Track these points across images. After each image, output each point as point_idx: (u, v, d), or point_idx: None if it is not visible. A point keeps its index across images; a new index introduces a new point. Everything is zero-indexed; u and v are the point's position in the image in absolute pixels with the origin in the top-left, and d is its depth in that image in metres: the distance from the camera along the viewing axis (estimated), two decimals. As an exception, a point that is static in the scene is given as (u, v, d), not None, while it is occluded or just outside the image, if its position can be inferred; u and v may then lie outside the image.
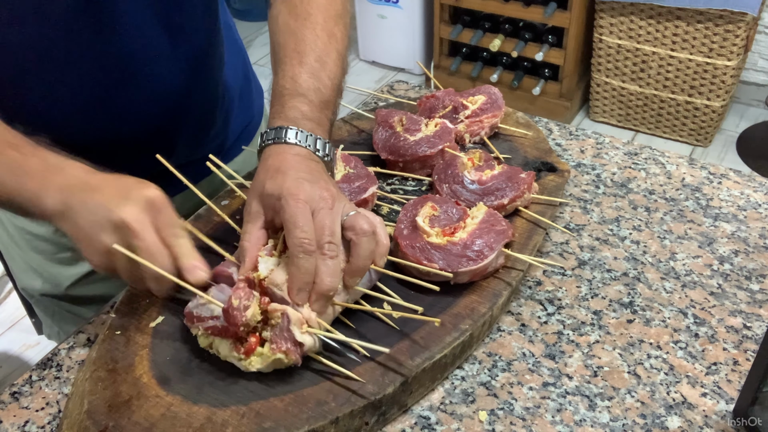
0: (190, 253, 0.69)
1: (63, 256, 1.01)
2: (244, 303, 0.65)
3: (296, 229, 0.67)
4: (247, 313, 0.65)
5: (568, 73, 2.78)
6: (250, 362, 0.66)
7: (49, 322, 1.11)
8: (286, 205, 0.68)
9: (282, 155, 0.74)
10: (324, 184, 0.71)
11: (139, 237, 0.65)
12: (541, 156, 0.98)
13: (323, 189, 0.71)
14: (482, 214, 0.81)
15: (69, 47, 0.79)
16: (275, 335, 0.66)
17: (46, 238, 0.99)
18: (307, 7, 0.85)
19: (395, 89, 1.24)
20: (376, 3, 3.13)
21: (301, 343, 0.65)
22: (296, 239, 0.67)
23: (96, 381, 0.67)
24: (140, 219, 0.66)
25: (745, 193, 0.97)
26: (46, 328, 1.13)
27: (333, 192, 0.71)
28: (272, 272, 0.69)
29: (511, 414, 0.70)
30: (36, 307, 1.11)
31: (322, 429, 0.64)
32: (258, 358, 0.66)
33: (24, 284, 1.08)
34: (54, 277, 1.03)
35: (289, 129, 0.75)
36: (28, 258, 1.03)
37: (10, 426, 0.70)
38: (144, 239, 0.65)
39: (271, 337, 0.66)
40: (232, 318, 0.65)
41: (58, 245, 1.00)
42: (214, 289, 0.70)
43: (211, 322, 0.67)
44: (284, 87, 0.79)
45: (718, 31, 2.44)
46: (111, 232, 0.65)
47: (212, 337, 0.68)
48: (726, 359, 0.75)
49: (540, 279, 0.85)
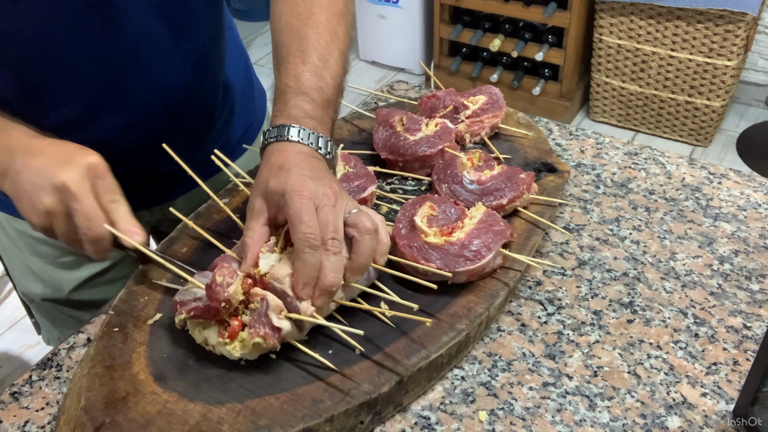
0: (126, 218, 0.72)
1: (65, 260, 1.01)
2: (227, 280, 0.66)
3: (301, 224, 0.68)
4: (229, 289, 0.66)
5: (568, 73, 2.78)
6: (234, 347, 0.67)
7: (49, 327, 1.10)
8: (291, 202, 0.69)
9: (285, 153, 0.74)
10: (327, 182, 0.72)
11: (78, 200, 0.68)
12: (542, 156, 0.98)
13: (326, 186, 0.71)
14: (480, 215, 0.81)
15: (73, 45, 0.79)
16: (253, 320, 0.66)
17: (48, 242, 0.99)
18: (309, 6, 0.85)
19: (395, 89, 1.24)
20: (376, 3, 3.13)
21: (279, 328, 0.66)
22: (302, 234, 0.67)
23: (93, 377, 0.67)
24: (80, 183, 0.69)
25: (745, 193, 0.97)
26: (46, 333, 1.13)
27: (336, 189, 0.72)
28: (273, 267, 0.69)
29: (511, 414, 0.69)
30: (37, 312, 1.11)
31: (317, 427, 0.64)
32: (240, 343, 0.67)
33: (25, 289, 1.07)
34: (55, 282, 1.03)
35: (291, 127, 0.75)
36: (29, 262, 1.03)
37: (10, 426, 0.70)
38: (82, 202, 0.69)
39: (249, 322, 0.67)
40: (214, 293, 0.66)
41: (59, 249, 1.00)
42: (198, 275, 0.71)
43: (193, 304, 0.68)
44: (287, 85, 0.80)
45: (718, 31, 2.44)
46: (51, 194, 0.69)
47: (204, 330, 0.69)
48: (726, 359, 0.75)
49: (540, 279, 0.84)
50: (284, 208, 0.70)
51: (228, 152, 1.06)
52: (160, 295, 0.77)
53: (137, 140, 0.90)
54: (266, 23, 0.89)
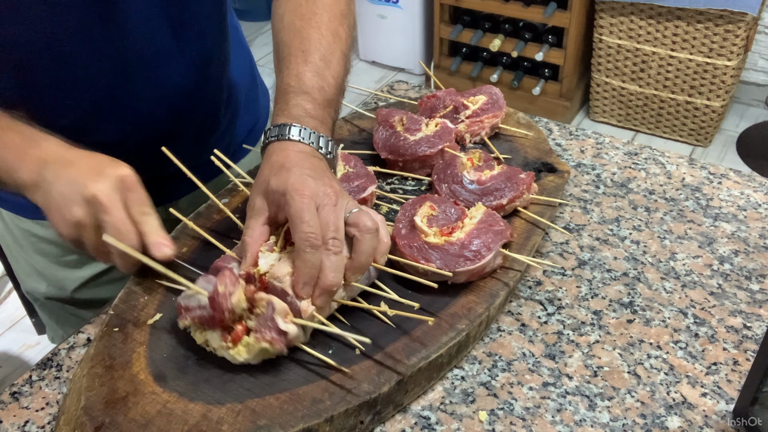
0: (156, 230, 0.71)
1: (69, 259, 1.01)
2: (229, 289, 0.66)
3: (303, 223, 0.68)
4: (232, 298, 0.65)
5: (568, 73, 2.78)
6: (237, 351, 0.66)
7: (53, 325, 1.10)
8: (292, 201, 0.69)
9: (285, 152, 0.74)
10: (328, 181, 0.72)
11: (108, 212, 0.68)
12: (542, 156, 0.98)
13: (327, 186, 0.71)
14: (480, 215, 0.81)
15: (78, 49, 0.79)
16: (259, 324, 0.66)
17: (52, 241, 0.99)
18: (312, 6, 0.85)
19: (395, 89, 1.24)
20: (376, 3, 3.13)
21: (285, 332, 0.66)
22: (303, 233, 0.67)
23: (93, 377, 0.67)
24: (110, 195, 0.68)
25: (745, 193, 0.97)
26: (50, 332, 1.13)
27: (336, 189, 0.72)
28: (273, 267, 0.69)
29: (511, 414, 0.69)
30: (40, 310, 1.11)
31: (317, 427, 0.64)
32: (244, 348, 0.66)
33: (28, 287, 1.08)
34: (59, 281, 1.03)
35: (292, 126, 0.76)
36: (33, 261, 1.03)
37: (10, 426, 0.70)
38: (112, 215, 0.68)
39: (255, 326, 0.66)
40: (217, 304, 0.65)
41: (63, 248, 1.00)
42: (201, 279, 0.71)
43: (198, 311, 0.68)
44: (288, 84, 0.80)
45: (718, 31, 2.44)
46: (82, 206, 0.68)
47: (206, 332, 0.68)
48: (726, 359, 0.75)
49: (540, 279, 0.84)
50: (285, 207, 0.70)
51: (232, 153, 1.07)
52: (160, 295, 0.77)
53: (142, 142, 0.90)
54: (267, 23, 0.90)
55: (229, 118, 1.04)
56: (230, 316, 0.66)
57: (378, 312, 0.73)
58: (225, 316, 0.66)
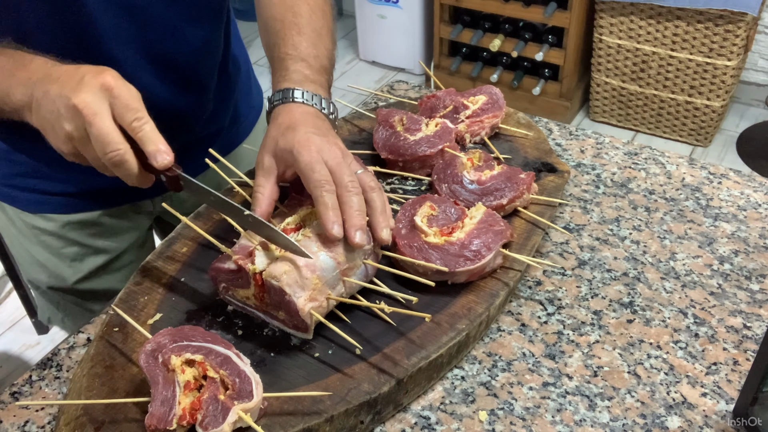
0: (152, 138, 0.67)
1: (69, 251, 1.02)
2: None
3: (314, 173, 0.72)
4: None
5: (568, 73, 2.78)
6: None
7: (54, 311, 1.11)
8: (300, 156, 0.73)
9: (291, 113, 0.79)
10: (333, 139, 0.77)
11: (91, 123, 0.65)
12: (542, 156, 0.98)
13: (332, 144, 0.76)
14: (481, 215, 0.81)
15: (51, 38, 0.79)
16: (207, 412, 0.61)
17: (53, 233, 1.00)
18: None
19: (395, 89, 1.24)
20: (376, 3, 3.13)
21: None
22: (315, 181, 0.72)
23: (93, 377, 0.67)
24: (92, 105, 0.65)
25: (745, 193, 0.97)
26: (48, 313, 1.13)
27: (341, 146, 0.77)
28: (270, 265, 0.69)
29: (511, 414, 0.69)
30: (42, 298, 1.12)
31: (317, 427, 0.64)
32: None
33: (30, 277, 1.09)
34: (60, 272, 1.04)
35: (295, 89, 0.81)
36: (35, 252, 1.04)
37: (10, 426, 0.70)
38: (93, 124, 0.65)
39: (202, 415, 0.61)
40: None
41: (64, 240, 1.01)
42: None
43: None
44: (286, 53, 0.85)
45: (718, 31, 2.44)
46: (68, 120, 0.66)
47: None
48: (726, 359, 0.75)
49: (540, 279, 0.84)
50: (294, 163, 0.74)
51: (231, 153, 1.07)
52: (160, 295, 0.77)
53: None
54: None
55: (220, 99, 1.05)
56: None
57: (376, 309, 0.73)
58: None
